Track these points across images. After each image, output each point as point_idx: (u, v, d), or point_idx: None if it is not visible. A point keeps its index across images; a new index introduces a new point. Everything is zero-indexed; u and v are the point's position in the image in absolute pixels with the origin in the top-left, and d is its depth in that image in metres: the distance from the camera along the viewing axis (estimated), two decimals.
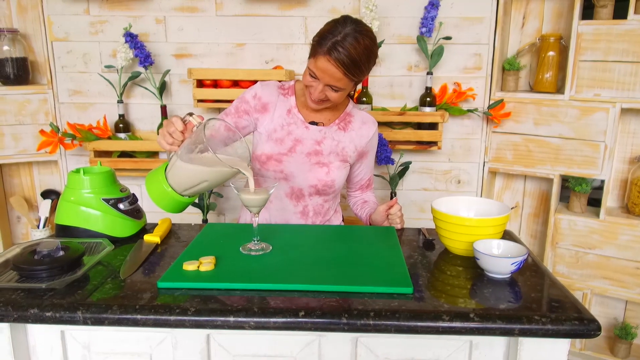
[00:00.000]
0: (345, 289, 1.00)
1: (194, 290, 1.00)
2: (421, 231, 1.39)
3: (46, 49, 2.23)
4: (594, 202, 2.16)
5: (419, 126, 2.21)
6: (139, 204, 1.39)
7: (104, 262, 1.15)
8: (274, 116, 1.47)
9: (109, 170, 1.34)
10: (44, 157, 2.30)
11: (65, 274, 1.05)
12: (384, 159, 2.12)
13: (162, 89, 2.22)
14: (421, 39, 2.09)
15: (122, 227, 1.30)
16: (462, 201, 1.32)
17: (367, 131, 1.52)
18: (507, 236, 1.29)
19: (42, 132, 2.21)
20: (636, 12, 1.87)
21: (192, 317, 0.92)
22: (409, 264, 1.15)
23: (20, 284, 1.01)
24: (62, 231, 1.29)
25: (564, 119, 2.04)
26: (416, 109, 2.19)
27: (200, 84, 2.15)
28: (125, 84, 2.22)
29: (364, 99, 2.13)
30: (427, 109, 2.14)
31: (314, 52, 1.32)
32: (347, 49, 1.27)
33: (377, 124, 1.55)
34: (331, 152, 1.48)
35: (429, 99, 2.14)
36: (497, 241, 1.14)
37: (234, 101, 1.51)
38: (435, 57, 2.11)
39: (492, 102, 2.16)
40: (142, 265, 1.14)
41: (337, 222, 1.63)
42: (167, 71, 2.21)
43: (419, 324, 0.91)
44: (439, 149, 2.17)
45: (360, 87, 2.14)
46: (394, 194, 2.25)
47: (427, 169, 2.31)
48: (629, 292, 2.04)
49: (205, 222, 2.28)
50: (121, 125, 2.26)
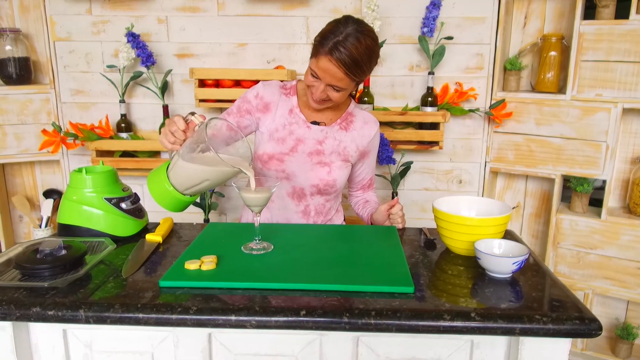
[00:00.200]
0: (346, 288, 1.00)
1: (196, 289, 1.00)
2: (422, 231, 1.40)
3: (48, 48, 2.24)
4: (596, 202, 2.16)
5: (421, 126, 2.21)
6: (141, 203, 1.40)
7: (106, 261, 1.16)
8: (275, 116, 1.47)
9: (111, 169, 1.34)
10: (46, 156, 2.31)
11: (67, 272, 1.05)
12: (386, 158, 2.13)
13: (164, 88, 2.23)
14: (423, 39, 2.09)
15: (124, 227, 1.31)
16: (463, 201, 1.33)
17: (368, 131, 1.52)
18: (509, 236, 1.29)
19: (44, 131, 2.22)
20: (638, 12, 1.87)
21: (194, 316, 0.92)
22: (410, 263, 1.15)
23: (22, 283, 1.02)
24: (64, 230, 1.30)
25: (566, 119, 2.04)
26: (418, 108, 2.19)
27: (202, 83, 2.15)
28: (127, 84, 2.22)
29: (366, 99, 2.13)
30: (429, 109, 2.14)
31: (316, 52, 1.32)
32: (349, 49, 1.27)
33: (378, 123, 1.55)
34: (333, 152, 1.48)
35: (430, 99, 2.14)
36: (499, 241, 1.14)
37: (236, 101, 1.51)
38: (436, 57, 2.11)
39: (493, 102, 2.16)
40: (144, 264, 1.14)
41: (338, 221, 1.64)
42: (169, 71, 2.21)
43: (420, 323, 0.91)
44: (441, 148, 2.18)
45: (361, 86, 2.14)
46: (395, 194, 2.26)
47: (428, 168, 2.31)
48: (630, 292, 2.03)
49: (206, 221, 2.28)
50: (123, 124, 2.27)
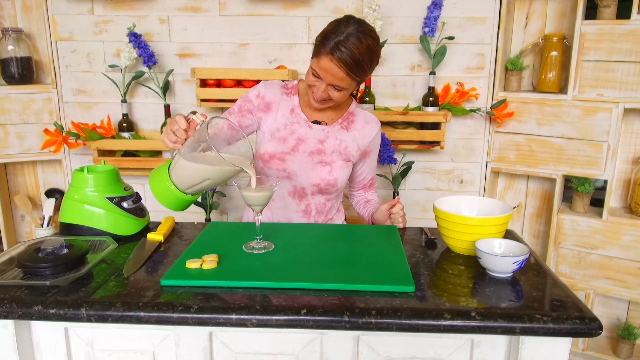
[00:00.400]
0: (347, 287, 1.00)
1: (197, 288, 1.00)
2: (423, 230, 1.40)
3: (50, 48, 2.25)
4: (597, 202, 2.16)
5: (422, 126, 2.21)
6: (143, 202, 1.40)
7: (108, 260, 1.16)
8: (277, 115, 1.48)
9: (112, 168, 1.34)
10: (48, 156, 2.31)
11: (69, 271, 1.06)
12: (387, 158, 2.13)
13: (166, 88, 2.23)
14: (424, 39, 2.09)
15: (126, 226, 1.31)
16: (464, 200, 1.33)
17: (369, 131, 1.53)
18: (509, 235, 1.29)
19: (46, 131, 2.23)
20: (639, 12, 1.87)
21: (195, 315, 0.92)
22: (411, 262, 1.15)
23: (24, 281, 1.02)
24: (66, 229, 1.30)
25: (567, 119, 2.04)
26: (419, 108, 2.19)
27: (203, 83, 2.15)
28: (129, 84, 2.23)
29: (367, 99, 2.14)
30: (430, 109, 2.14)
31: (317, 52, 1.33)
32: (350, 48, 1.27)
33: (379, 123, 1.55)
34: (334, 151, 1.49)
35: (431, 99, 2.14)
36: (499, 240, 1.14)
37: (238, 100, 1.51)
38: (438, 57, 2.11)
39: (494, 102, 2.16)
40: (145, 263, 1.14)
41: (339, 221, 1.64)
42: (171, 71, 2.22)
43: (421, 322, 0.91)
44: (442, 148, 2.18)
45: (363, 86, 2.14)
46: (396, 194, 2.26)
47: (429, 168, 2.31)
48: (631, 292, 2.03)
49: (208, 221, 2.29)
50: (125, 124, 2.27)
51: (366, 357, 1.02)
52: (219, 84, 2.17)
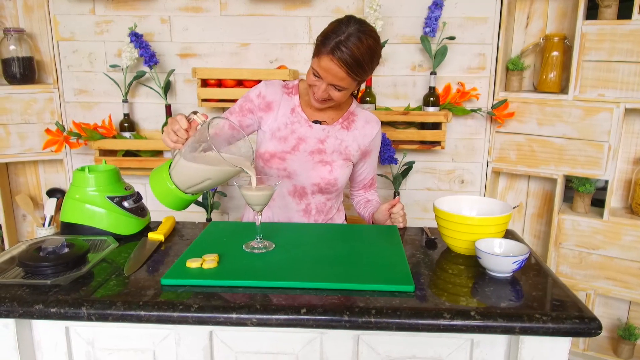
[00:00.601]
0: (347, 286, 1.00)
1: (197, 287, 1.01)
2: (424, 230, 1.40)
3: (52, 48, 2.25)
4: (598, 202, 2.16)
5: (423, 126, 2.21)
6: (143, 202, 1.40)
7: (108, 259, 1.16)
8: (277, 115, 1.48)
9: (113, 168, 1.35)
10: (49, 155, 2.32)
11: (70, 270, 1.06)
12: (387, 158, 2.13)
13: (167, 88, 2.24)
14: (425, 39, 2.09)
15: (127, 225, 1.31)
16: (464, 200, 1.33)
17: (370, 130, 1.53)
18: (509, 235, 1.29)
19: (47, 131, 2.23)
20: None
21: (195, 314, 0.93)
22: (411, 262, 1.15)
23: (25, 280, 1.02)
24: (67, 228, 1.30)
25: (568, 119, 2.04)
26: (420, 108, 2.19)
27: (204, 83, 2.16)
28: (130, 84, 2.23)
29: (368, 99, 2.14)
30: (431, 109, 2.14)
31: (318, 52, 1.33)
32: (351, 48, 1.27)
33: (380, 123, 1.55)
34: (334, 151, 1.49)
35: (432, 99, 2.14)
36: (499, 240, 1.14)
37: (238, 100, 1.52)
38: (438, 57, 2.11)
39: (495, 102, 2.16)
40: (146, 262, 1.15)
41: (339, 220, 1.64)
42: (172, 71, 2.22)
43: (420, 321, 0.91)
44: (443, 148, 2.18)
45: (363, 86, 2.14)
46: (397, 194, 2.26)
47: (430, 168, 2.31)
48: (632, 292, 2.03)
49: (209, 220, 2.29)
50: (126, 124, 2.28)
51: (366, 356, 1.02)
52: (220, 84, 2.17)
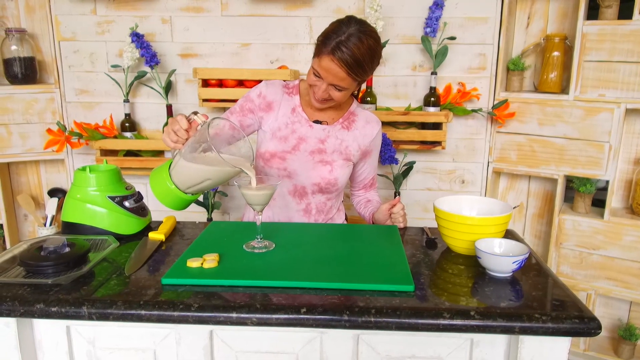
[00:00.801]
0: (347, 286, 1.00)
1: (198, 286, 1.01)
2: (424, 230, 1.40)
3: (53, 48, 2.26)
4: (599, 202, 2.16)
5: (423, 126, 2.21)
6: (144, 202, 1.41)
7: (109, 258, 1.17)
8: (278, 115, 1.48)
9: (114, 168, 1.35)
10: (50, 155, 2.32)
11: (70, 270, 1.06)
12: (388, 158, 2.13)
13: (168, 88, 2.24)
14: (425, 39, 2.09)
15: (127, 225, 1.32)
16: (464, 200, 1.33)
17: (370, 130, 1.53)
18: (509, 235, 1.29)
19: (49, 131, 2.24)
20: None
21: (196, 313, 0.93)
22: (411, 262, 1.16)
23: (26, 280, 1.03)
24: (68, 228, 1.31)
25: (569, 120, 2.04)
26: (420, 108, 2.20)
27: (205, 83, 2.16)
28: (131, 84, 2.24)
29: (368, 99, 2.14)
30: (431, 109, 2.14)
31: (318, 52, 1.33)
32: (351, 49, 1.28)
33: (380, 123, 1.56)
34: (335, 151, 1.49)
35: (433, 99, 2.14)
36: (499, 240, 1.15)
37: (239, 100, 1.52)
38: (439, 57, 2.11)
39: (496, 102, 2.16)
40: (147, 262, 1.15)
41: (339, 220, 1.64)
42: (173, 71, 2.22)
43: (420, 321, 0.92)
44: (443, 148, 2.18)
45: (364, 86, 2.15)
46: (397, 194, 2.26)
47: (431, 168, 2.31)
48: (633, 293, 2.03)
49: (209, 220, 2.29)
50: (127, 124, 2.28)
51: (366, 356, 1.02)
52: (220, 84, 2.17)
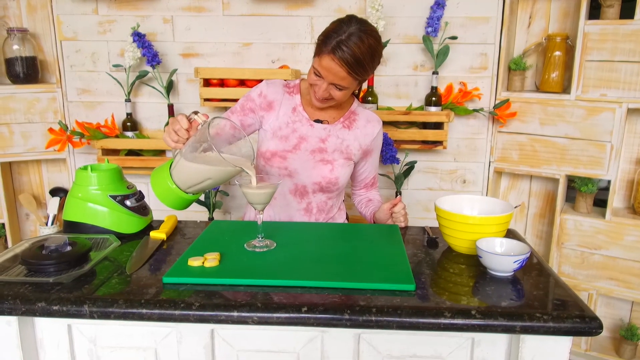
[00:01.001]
0: (348, 285, 1.00)
1: (199, 285, 1.01)
2: (425, 229, 1.40)
3: (55, 48, 2.26)
4: (600, 202, 2.15)
5: (425, 126, 2.21)
6: (146, 201, 1.41)
7: (111, 257, 1.17)
8: (279, 114, 1.48)
9: (116, 167, 1.35)
10: (52, 155, 2.33)
11: (72, 268, 1.06)
12: (389, 158, 2.13)
13: (169, 88, 2.24)
14: (427, 39, 2.09)
15: (129, 224, 1.32)
16: (465, 199, 1.33)
17: (371, 130, 1.53)
18: (510, 235, 1.29)
19: (50, 130, 2.24)
20: None
21: (197, 312, 0.93)
22: (412, 261, 1.16)
23: (28, 278, 1.03)
24: (70, 227, 1.31)
25: (570, 119, 2.04)
26: (422, 108, 2.19)
27: (207, 83, 2.16)
28: (132, 83, 2.24)
29: (370, 99, 2.14)
30: (433, 109, 2.14)
31: (319, 51, 1.33)
32: (351, 48, 1.28)
33: (381, 122, 1.56)
34: (335, 150, 1.49)
35: (434, 99, 2.14)
36: (500, 239, 1.14)
37: (240, 99, 1.52)
38: (441, 56, 2.11)
39: (497, 101, 2.16)
40: (148, 261, 1.15)
41: (340, 219, 1.64)
42: (174, 70, 2.23)
43: (421, 320, 0.92)
44: (445, 148, 2.18)
45: (365, 86, 2.15)
46: (399, 193, 2.26)
47: (432, 168, 2.31)
48: (634, 293, 2.03)
49: (211, 219, 2.29)
50: (129, 123, 2.28)
51: (367, 355, 1.02)
52: (222, 83, 2.17)
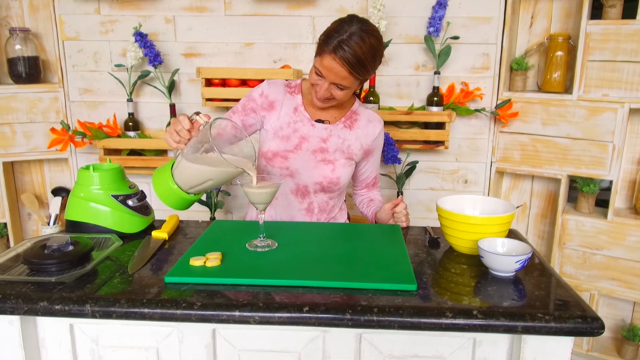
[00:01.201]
0: (349, 285, 1.00)
1: (200, 285, 1.01)
2: (427, 229, 1.40)
3: (57, 48, 2.26)
4: (602, 202, 2.15)
5: (426, 126, 2.21)
6: (147, 200, 1.41)
7: (113, 257, 1.17)
8: (280, 114, 1.48)
9: (118, 167, 1.35)
10: (54, 154, 2.33)
11: (74, 268, 1.07)
12: (391, 158, 2.13)
13: (171, 87, 2.24)
14: (429, 39, 2.09)
15: (131, 223, 1.32)
16: (467, 199, 1.33)
17: (372, 129, 1.53)
18: (512, 235, 1.29)
19: (53, 130, 2.24)
20: None
21: (198, 312, 0.93)
22: (414, 261, 1.16)
23: (30, 278, 1.03)
24: (72, 226, 1.31)
25: (572, 119, 2.04)
26: (423, 108, 2.19)
27: (208, 83, 2.16)
28: (134, 83, 2.24)
29: (371, 98, 2.14)
30: (435, 109, 2.14)
31: (320, 51, 1.33)
32: (353, 47, 1.28)
33: (383, 122, 1.55)
34: (337, 150, 1.49)
35: (436, 99, 2.14)
36: (502, 239, 1.14)
37: (242, 99, 1.52)
38: (442, 56, 2.11)
39: (499, 102, 2.16)
40: (150, 260, 1.15)
41: (342, 219, 1.64)
42: (176, 70, 2.23)
43: (423, 320, 0.92)
44: (446, 148, 2.18)
45: (367, 86, 2.15)
46: (400, 194, 2.26)
47: (434, 168, 2.31)
48: (636, 293, 2.02)
49: (212, 219, 2.29)
50: (130, 123, 2.29)
51: (368, 355, 1.02)
52: (224, 83, 2.18)
